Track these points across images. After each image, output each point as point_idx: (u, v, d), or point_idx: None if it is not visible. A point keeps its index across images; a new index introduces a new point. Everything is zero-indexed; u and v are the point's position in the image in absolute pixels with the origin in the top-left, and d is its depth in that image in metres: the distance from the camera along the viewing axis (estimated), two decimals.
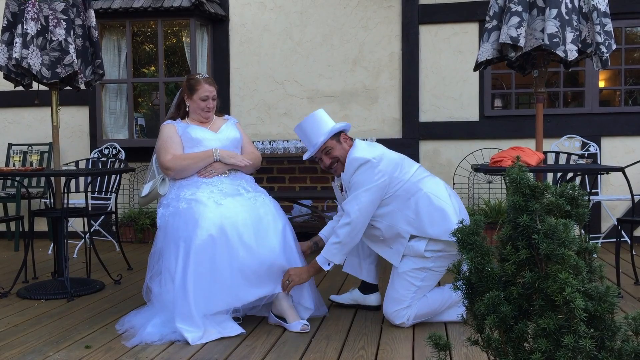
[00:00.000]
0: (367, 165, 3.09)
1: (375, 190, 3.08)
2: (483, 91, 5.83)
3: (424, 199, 3.12)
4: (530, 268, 1.84)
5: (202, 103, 3.46)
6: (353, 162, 3.12)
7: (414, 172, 3.21)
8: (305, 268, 3.21)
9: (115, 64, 6.19)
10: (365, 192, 3.07)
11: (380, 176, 3.09)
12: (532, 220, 1.87)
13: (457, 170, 5.76)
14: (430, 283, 3.16)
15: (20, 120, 6.54)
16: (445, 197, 3.16)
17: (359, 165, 3.09)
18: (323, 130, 3.20)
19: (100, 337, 3.09)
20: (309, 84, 6.09)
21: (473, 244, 1.96)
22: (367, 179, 3.08)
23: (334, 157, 3.23)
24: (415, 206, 3.11)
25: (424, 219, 3.09)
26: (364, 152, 3.14)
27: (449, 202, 3.14)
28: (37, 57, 3.80)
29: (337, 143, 3.22)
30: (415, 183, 3.15)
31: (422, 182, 3.17)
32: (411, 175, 3.17)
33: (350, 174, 3.13)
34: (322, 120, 3.25)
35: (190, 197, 3.29)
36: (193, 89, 3.48)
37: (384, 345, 2.90)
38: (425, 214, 3.10)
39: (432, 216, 3.09)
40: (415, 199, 3.12)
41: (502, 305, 1.88)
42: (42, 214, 4.15)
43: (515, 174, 1.91)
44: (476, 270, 1.95)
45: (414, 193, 3.13)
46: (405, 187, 3.14)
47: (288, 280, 3.15)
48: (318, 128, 3.22)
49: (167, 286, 3.13)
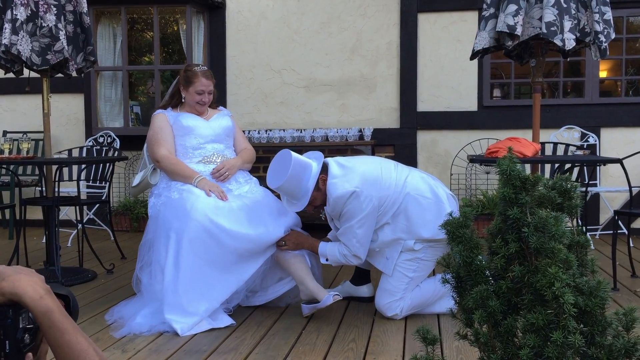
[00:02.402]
0: (353, 196, 2.97)
1: (367, 218, 3.01)
2: (482, 81, 5.76)
3: (412, 202, 3.06)
4: (519, 262, 1.81)
5: (198, 97, 3.40)
6: (338, 200, 3.00)
7: (395, 178, 3.10)
8: (307, 242, 3.20)
9: (110, 51, 6.12)
10: (359, 224, 3.00)
11: (368, 202, 2.99)
12: (522, 213, 1.82)
13: (455, 160, 5.70)
14: (422, 273, 3.12)
15: (15, 108, 6.48)
16: (431, 192, 3.11)
17: (345, 201, 2.99)
18: (303, 190, 3.01)
19: (89, 327, 3.06)
20: (306, 73, 6.02)
21: (462, 237, 1.92)
22: (356, 210, 2.98)
23: (317, 205, 3.15)
24: (405, 213, 3.06)
25: (416, 223, 3.05)
26: (343, 184, 2.99)
27: (437, 196, 3.10)
28: (26, 43, 3.74)
29: (318, 192, 3.07)
30: (399, 191, 3.07)
31: (405, 185, 3.09)
32: (394, 184, 3.08)
33: (338, 210, 3.04)
34: (300, 174, 2.99)
35: (182, 187, 3.25)
36: (190, 81, 3.41)
37: (374, 338, 2.87)
38: (416, 217, 3.06)
39: (423, 218, 3.04)
40: (403, 205, 3.06)
41: (490, 299, 1.84)
42: (33, 202, 4.11)
43: (506, 166, 1.87)
44: (465, 264, 1.91)
45: (401, 200, 3.07)
46: (392, 200, 3.06)
47: (284, 242, 3.16)
48: (297, 187, 3.01)
49: (157, 277, 3.10)
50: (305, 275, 3.16)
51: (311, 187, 3.01)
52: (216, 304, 3.08)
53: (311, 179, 3.01)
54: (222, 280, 3.08)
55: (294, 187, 3.02)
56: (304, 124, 5.99)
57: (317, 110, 6.01)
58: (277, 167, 3.04)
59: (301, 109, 6.03)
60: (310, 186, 3.01)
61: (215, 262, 3.06)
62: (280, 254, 3.22)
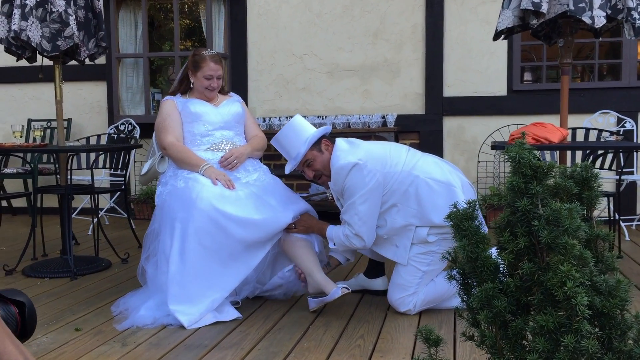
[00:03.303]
0: (355, 169, 2.83)
1: (371, 194, 2.85)
2: (512, 64, 5.51)
3: (423, 186, 2.88)
4: (529, 258, 1.65)
5: (206, 82, 3.30)
6: (340, 171, 2.87)
7: (405, 159, 2.94)
8: (317, 225, 3.09)
9: (131, 38, 6.07)
10: (361, 199, 2.84)
11: (372, 177, 2.84)
12: (532, 205, 1.66)
13: (483, 147, 5.48)
14: (437, 267, 2.95)
15: (40, 96, 6.50)
16: (444, 176, 2.93)
17: (347, 172, 2.84)
18: (301, 140, 2.96)
19: (93, 319, 3.00)
20: (329, 58, 5.86)
21: (466, 230, 1.77)
22: (358, 184, 2.84)
23: (317, 169, 3.01)
24: (416, 196, 2.88)
25: (427, 208, 2.86)
26: (347, 156, 2.88)
27: (449, 182, 2.91)
28: (36, 29, 3.68)
29: (318, 153, 2.98)
30: (408, 172, 2.90)
31: (416, 168, 2.91)
32: (402, 164, 2.91)
33: (340, 183, 2.90)
34: (299, 129, 3.00)
35: (188, 176, 3.15)
36: (198, 66, 3.31)
37: (384, 334, 2.72)
38: (428, 201, 2.86)
39: (435, 203, 2.85)
40: (413, 188, 2.88)
41: (497, 298, 1.68)
42: (46, 190, 4.07)
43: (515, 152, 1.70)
44: (469, 259, 1.76)
45: (411, 182, 2.88)
46: (400, 179, 2.89)
47: (294, 225, 3.07)
48: (296, 138, 2.98)
49: (162, 268, 3.01)
50: (313, 266, 3.03)
51: (308, 142, 2.95)
52: (225, 292, 2.98)
53: (310, 136, 2.97)
54: (230, 269, 2.98)
55: (291, 139, 2.98)
56: (326, 110, 5.84)
57: (340, 96, 5.85)
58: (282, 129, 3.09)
59: (323, 95, 5.88)
60: (306, 140, 2.95)
61: (222, 252, 2.95)
62: (287, 243, 3.09)
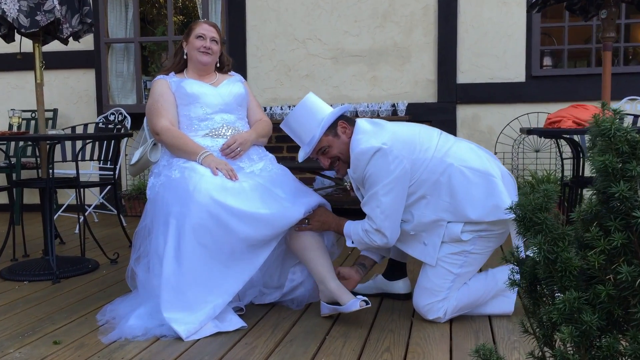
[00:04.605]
0: (379, 154, 2.43)
1: (396, 183, 2.45)
2: (530, 48, 5.14)
3: (457, 175, 2.48)
4: (627, 259, 1.30)
5: (198, 42, 2.95)
6: (361, 157, 2.46)
7: (436, 144, 2.54)
8: (334, 221, 2.70)
9: (121, 22, 5.67)
10: (385, 189, 2.44)
11: (398, 163, 2.44)
12: (631, 191, 1.30)
13: (500, 137, 5.12)
14: (471, 269, 2.57)
15: (23, 85, 6.09)
16: (482, 165, 2.53)
17: (369, 158, 2.44)
18: (316, 122, 2.56)
19: (76, 329, 2.61)
20: (333, 42, 5.47)
21: (542, 224, 1.39)
22: (382, 172, 2.44)
23: (333, 155, 2.62)
24: (448, 187, 2.48)
25: (461, 201, 2.47)
26: (369, 139, 2.48)
27: (488, 171, 2.51)
28: (12, 2, 3.27)
29: (334, 138, 2.58)
30: (441, 159, 2.50)
31: (449, 155, 2.52)
32: (434, 149, 2.51)
33: (360, 171, 2.49)
34: (313, 109, 2.59)
35: (184, 165, 2.76)
36: (190, 30, 3.03)
37: (413, 347, 2.34)
38: (463, 194, 2.47)
39: (471, 195, 2.46)
40: (445, 177, 2.48)
41: (584, 312, 1.32)
42: (25, 184, 3.67)
43: (608, 124, 1.32)
44: (546, 262, 1.39)
45: (443, 171, 2.49)
46: (430, 168, 2.49)
47: (308, 221, 2.69)
48: (309, 120, 2.57)
49: (155, 270, 2.62)
50: (326, 272, 2.65)
51: (323, 125, 2.55)
52: (227, 297, 2.59)
53: (325, 117, 2.57)
54: (232, 270, 2.59)
55: (303, 122, 2.58)
56: (331, 99, 5.45)
57: (346, 83, 5.46)
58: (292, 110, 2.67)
59: (328, 83, 5.49)
60: (321, 122, 2.55)
61: (223, 251, 2.57)
62: (295, 241, 2.71)
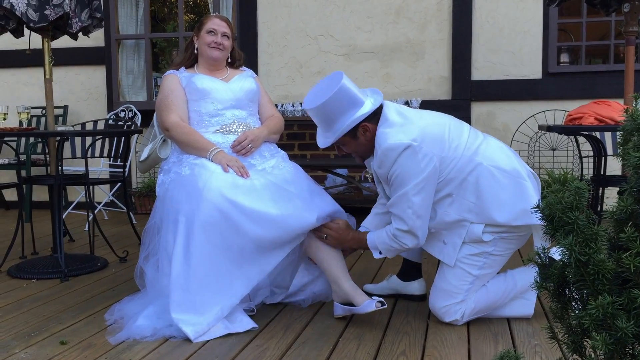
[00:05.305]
0: (408, 151, 2.32)
1: (426, 182, 2.35)
2: (547, 44, 5.04)
3: (485, 175, 2.39)
4: None
5: (209, 37, 2.90)
6: (388, 153, 2.35)
7: (466, 141, 2.44)
8: (352, 239, 2.60)
9: (132, 18, 5.62)
10: (415, 189, 2.34)
11: (427, 161, 2.34)
12: None
13: (516, 135, 5.02)
14: (490, 271, 2.49)
15: (34, 82, 6.06)
16: (511, 165, 2.44)
17: (398, 155, 2.34)
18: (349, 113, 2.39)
19: (83, 329, 2.55)
20: (346, 39, 5.39)
21: (573, 224, 1.32)
22: (412, 171, 2.33)
23: (346, 151, 2.55)
24: (476, 187, 2.39)
25: (488, 203, 2.38)
26: (397, 134, 2.35)
27: (518, 172, 2.42)
28: None
29: (351, 139, 2.46)
30: (470, 157, 2.40)
31: (478, 153, 2.42)
32: (463, 147, 2.41)
33: (387, 167, 2.38)
34: (350, 95, 2.39)
35: (194, 162, 2.70)
36: (201, 24, 2.98)
37: (430, 350, 2.27)
38: (490, 195, 2.38)
39: (498, 197, 2.38)
40: (473, 177, 2.39)
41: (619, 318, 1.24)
42: (35, 180, 3.62)
43: None
44: (577, 264, 1.31)
45: (471, 170, 2.39)
46: (459, 166, 2.39)
47: (324, 234, 2.60)
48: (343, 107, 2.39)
49: (164, 269, 2.56)
50: (340, 273, 2.58)
51: (354, 120, 2.40)
52: (235, 300, 2.52)
53: (359, 115, 2.39)
54: (240, 272, 2.53)
55: (335, 108, 2.39)
56: None
57: (358, 80, 5.38)
58: (322, 87, 2.47)
59: None
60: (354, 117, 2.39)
61: (233, 251, 2.50)
62: (311, 245, 2.64)
